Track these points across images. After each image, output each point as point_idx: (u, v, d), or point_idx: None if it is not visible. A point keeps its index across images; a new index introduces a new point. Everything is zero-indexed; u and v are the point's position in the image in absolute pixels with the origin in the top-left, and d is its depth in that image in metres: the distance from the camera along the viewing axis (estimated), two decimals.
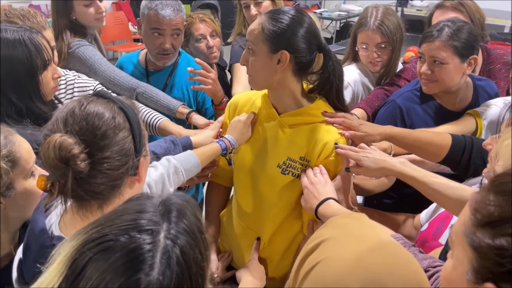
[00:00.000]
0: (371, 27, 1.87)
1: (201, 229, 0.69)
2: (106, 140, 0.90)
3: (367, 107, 1.83)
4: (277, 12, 1.30)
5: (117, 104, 0.95)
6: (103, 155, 0.90)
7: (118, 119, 0.93)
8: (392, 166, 1.26)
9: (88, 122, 0.90)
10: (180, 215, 0.68)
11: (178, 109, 1.75)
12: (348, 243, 0.68)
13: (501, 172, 0.64)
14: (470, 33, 1.58)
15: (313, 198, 1.27)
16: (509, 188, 0.60)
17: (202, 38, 2.11)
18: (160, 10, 1.72)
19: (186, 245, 0.64)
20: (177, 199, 0.72)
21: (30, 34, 1.32)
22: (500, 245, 0.56)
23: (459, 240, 0.62)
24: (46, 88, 1.37)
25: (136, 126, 0.96)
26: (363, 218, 0.77)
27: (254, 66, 1.32)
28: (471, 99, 1.73)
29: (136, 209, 0.68)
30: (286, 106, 1.37)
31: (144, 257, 0.61)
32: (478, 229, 0.59)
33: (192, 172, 1.38)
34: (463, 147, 1.37)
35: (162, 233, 0.64)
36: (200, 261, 0.66)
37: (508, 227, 0.56)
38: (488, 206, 0.59)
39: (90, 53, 1.83)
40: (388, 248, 0.67)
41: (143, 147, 0.99)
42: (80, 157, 0.86)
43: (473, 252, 0.59)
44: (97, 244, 0.62)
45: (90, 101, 0.93)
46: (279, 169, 1.37)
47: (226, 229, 1.59)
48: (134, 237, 0.62)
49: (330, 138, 1.33)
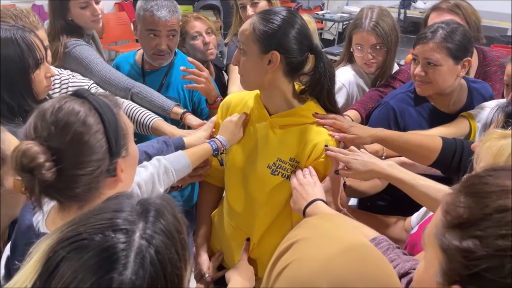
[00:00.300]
0: (366, 28, 1.86)
1: (179, 229, 0.69)
2: (75, 146, 0.89)
3: (361, 108, 1.83)
4: (269, 12, 1.30)
5: (92, 104, 0.93)
6: (72, 161, 0.89)
7: (89, 121, 0.90)
8: (381, 168, 1.26)
9: (56, 128, 0.88)
10: (158, 215, 0.68)
11: (173, 110, 1.76)
12: (320, 244, 0.67)
13: (472, 174, 0.64)
14: (464, 35, 1.58)
15: (301, 199, 1.27)
16: (478, 190, 0.59)
17: (198, 35, 2.11)
18: (156, 11, 1.73)
19: (162, 245, 0.64)
20: (156, 199, 0.72)
21: (23, 33, 1.32)
22: (467, 247, 0.55)
23: (431, 241, 0.62)
24: (39, 87, 1.38)
25: (112, 127, 0.93)
26: (338, 219, 0.77)
27: (245, 66, 1.32)
28: (465, 101, 1.73)
29: (112, 208, 0.68)
30: (277, 107, 1.37)
31: (118, 256, 0.61)
32: (448, 230, 0.58)
33: (183, 172, 1.38)
34: (453, 150, 1.36)
35: (138, 232, 0.64)
36: (176, 261, 0.65)
37: (476, 229, 0.56)
38: (458, 207, 0.59)
39: (86, 52, 1.83)
40: (359, 249, 0.67)
41: (121, 148, 0.96)
42: (45, 166, 0.85)
43: (443, 254, 0.59)
44: (71, 243, 0.62)
45: (64, 103, 0.92)
46: (269, 169, 1.37)
47: (217, 229, 1.59)
48: (108, 236, 0.62)
49: (320, 139, 1.33)
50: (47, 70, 1.40)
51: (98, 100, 0.95)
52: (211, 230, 1.62)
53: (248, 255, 1.46)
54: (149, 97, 1.77)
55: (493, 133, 0.93)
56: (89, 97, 0.94)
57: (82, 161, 0.90)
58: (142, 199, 0.70)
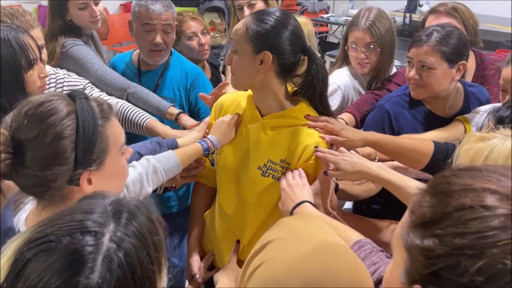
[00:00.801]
0: (361, 27, 1.87)
1: (152, 231, 0.68)
2: (37, 145, 0.89)
3: (356, 111, 1.82)
4: (263, 13, 1.31)
5: (76, 110, 0.92)
6: (32, 159, 0.89)
7: (62, 126, 0.90)
8: (369, 169, 1.26)
9: (28, 122, 0.89)
10: (130, 216, 0.67)
11: (168, 110, 1.76)
12: (293, 244, 0.67)
13: (438, 174, 0.63)
14: (459, 39, 1.57)
15: (289, 201, 1.26)
16: (442, 189, 0.59)
17: (194, 36, 2.13)
18: (151, 5, 1.76)
19: (131, 248, 0.63)
20: (131, 200, 0.71)
21: (16, 33, 1.33)
22: (427, 246, 0.55)
23: (397, 242, 0.62)
24: (32, 87, 1.38)
25: (86, 137, 0.92)
26: (314, 219, 0.77)
27: (237, 66, 1.32)
28: (461, 105, 1.71)
29: (83, 209, 0.67)
30: (269, 108, 1.37)
31: (85, 259, 0.60)
32: (412, 230, 0.58)
33: (172, 172, 1.38)
34: (445, 154, 1.35)
35: (107, 235, 0.63)
36: (147, 264, 0.64)
37: (436, 228, 0.55)
38: (422, 207, 0.59)
39: (83, 52, 1.85)
40: (331, 249, 0.66)
41: (92, 161, 0.94)
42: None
43: (406, 253, 0.58)
44: (37, 245, 0.61)
45: (49, 100, 0.92)
46: (259, 171, 1.36)
47: (208, 230, 1.59)
48: (75, 238, 0.61)
49: (310, 141, 1.33)
50: (41, 70, 1.41)
51: (85, 107, 0.93)
52: (204, 231, 1.62)
53: (238, 256, 1.46)
54: (145, 98, 1.78)
55: (472, 136, 0.92)
56: (79, 101, 0.93)
57: (42, 163, 0.89)
58: (115, 200, 0.69)
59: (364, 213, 1.66)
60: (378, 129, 1.65)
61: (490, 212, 0.53)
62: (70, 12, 1.90)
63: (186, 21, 2.12)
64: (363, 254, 0.99)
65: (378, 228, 1.48)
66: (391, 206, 1.73)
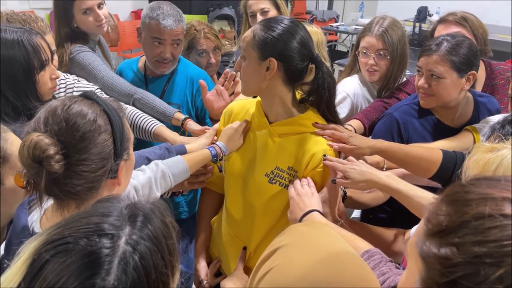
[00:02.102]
0: (374, 33, 1.87)
1: (167, 234, 0.69)
2: (84, 142, 0.91)
3: (364, 118, 1.81)
4: (271, 20, 1.31)
5: (101, 106, 0.96)
6: (80, 157, 0.91)
7: (99, 121, 0.93)
8: (378, 178, 1.25)
9: (68, 123, 0.91)
10: (146, 220, 0.68)
11: (174, 116, 1.77)
12: (303, 251, 0.67)
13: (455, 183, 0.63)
14: (469, 49, 1.56)
15: (298, 209, 1.26)
16: (459, 198, 0.58)
17: (205, 53, 2.15)
18: (162, 20, 1.74)
19: (147, 251, 0.64)
20: (146, 203, 0.72)
21: (29, 35, 1.35)
22: (444, 255, 0.54)
23: (412, 250, 0.61)
24: (43, 88, 1.40)
25: (118, 130, 0.96)
26: (323, 227, 0.77)
27: (244, 72, 1.33)
28: (471, 115, 1.70)
29: (100, 212, 0.68)
30: (277, 115, 1.37)
31: (101, 261, 0.61)
32: (428, 238, 0.58)
33: (180, 177, 1.38)
34: (454, 163, 1.34)
35: (123, 238, 0.64)
36: (161, 267, 0.65)
37: (454, 236, 0.55)
38: (438, 215, 0.58)
39: (89, 59, 1.86)
40: (340, 258, 0.66)
41: (124, 151, 0.99)
42: (54, 158, 0.87)
43: (422, 262, 0.58)
44: (55, 246, 0.62)
45: (74, 102, 0.94)
46: (266, 178, 1.36)
47: (215, 236, 1.59)
48: (93, 241, 0.62)
49: (318, 149, 1.32)
50: (52, 71, 1.43)
51: (106, 102, 0.98)
52: (211, 236, 1.62)
53: (244, 264, 1.46)
54: (151, 103, 1.79)
55: (481, 147, 0.92)
56: (98, 99, 0.97)
57: (88, 158, 0.91)
58: (131, 204, 0.70)
59: (371, 222, 1.64)
60: (387, 138, 1.64)
61: (510, 221, 0.53)
62: (75, 18, 1.92)
63: (198, 39, 2.13)
64: (372, 264, 0.98)
65: (386, 237, 1.47)
66: (399, 214, 1.72)
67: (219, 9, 6.23)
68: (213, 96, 1.77)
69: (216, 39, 2.17)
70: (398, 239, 1.46)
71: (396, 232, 1.48)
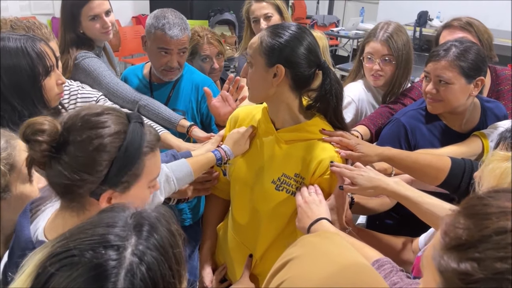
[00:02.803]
0: (379, 38, 1.86)
1: (173, 243, 0.68)
2: (78, 148, 0.90)
3: (371, 124, 1.80)
4: (278, 27, 1.30)
5: (126, 132, 0.92)
6: (65, 158, 0.89)
7: (107, 140, 0.90)
8: (386, 185, 1.24)
9: (81, 125, 0.91)
10: (152, 230, 0.66)
11: (179, 123, 1.76)
12: (315, 263, 0.65)
13: (472, 195, 0.61)
14: (477, 54, 1.55)
15: (306, 218, 1.24)
16: (479, 211, 0.57)
17: (208, 59, 2.14)
18: (168, 30, 1.72)
19: (153, 261, 0.63)
20: (151, 212, 0.70)
21: (32, 42, 1.35)
22: (465, 270, 0.53)
23: (429, 264, 0.60)
24: (50, 94, 1.39)
25: (124, 159, 0.91)
26: (335, 237, 0.75)
27: (251, 79, 1.32)
28: (478, 121, 1.69)
29: (105, 222, 0.66)
30: (284, 121, 1.36)
31: (108, 274, 0.59)
32: (446, 252, 0.56)
33: (185, 181, 1.37)
34: (462, 171, 1.32)
35: (129, 248, 0.62)
36: (169, 277, 0.64)
37: (474, 251, 0.53)
38: (457, 229, 0.57)
39: (94, 65, 1.85)
40: (353, 269, 0.64)
41: (121, 182, 0.94)
42: (40, 146, 0.87)
43: (440, 276, 0.56)
44: (60, 259, 0.61)
45: (108, 111, 0.94)
46: (273, 185, 1.35)
47: (221, 242, 1.58)
48: (98, 253, 0.61)
49: (325, 155, 1.31)
50: (58, 77, 1.42)
51: (137, 130, 0.94)
52: (216, 243, 1.60)
53: (250, 271, 1.44)
54: (156, 110, 1.78)
55: (496, 155, 0.90)
56: (134, 124, 0.94)
57: (75, 166, 0.89)
58: (136, 212, 0.69)
59: (377, 228, 1.63)
60: (394, 143, 1.63)
61: None
62: (82, 24, 1.91)
63: (202, 44, 2.12)
64: (383, 274, 0.96)
65: (394, 245, 1.45)
66: (406, 221, 1.71)
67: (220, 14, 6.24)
68: (218, 102, 1.76)
69: (219, 45, 2.17)
70: (406, 248, 1.44)
71: (404, 241, 1.46)
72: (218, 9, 6.30)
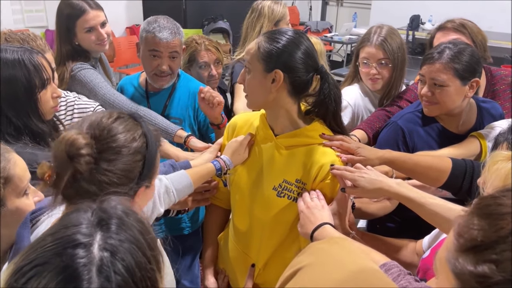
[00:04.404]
0: (373, 43, 1.87)
1: (143, 231, 0.67)
2: (117, 155, 0.93)
3: (368, 128, 1.80)
4: (275, 32, 1.31)
5: (143, 129, 0.98)
6: (107, 167, 0.92)
7: (137, 142, 0.95)
8: (389, 186, 1.22)
9: (109, 132, 0.93)
10: (120, 222, 0.66)
11: (177, 133, 1.75)
12: (326, 271, 0.64)
13: (485, 195, 0.60)
14: (471, 56, 1.55)
15: (309, 223, 1.23)
16: (493, 211, 0.56)
17: (206, 66, 2.14)
18: (158, 32, 1.74)
19: (126, 252, 0.62)
20: (115, 205, 0.70)
21: (30, 54, 1.34)
22: (482, 273, 0.52)
23: (443, 266, 0.59)
24: (45, 107, 1.39)
25: (151, 156, 0.98)
26: (344, 242, 0.74)
27: (249, 85, 1.32)
28: (475, 121, 1.70)
29: (64, 224, 0.65)
30: (283, 127, 1.35)
31: (78, 272, 0.58)
32: (461, 254, 0.55)
33: (184, 192, 1.36)
34: (464, 171, 1.32)
35: (96, 244, 0.61)
36: (145, 264, 0.63)
37: (491, 252, 0.52)
38: (471, 230, 0.56)
39: (90, 76, 1.85)
40: (365, 276, 0.63)
41: (148, 178, 1.00)
42: (85, 158, 0.89)
43: (456, 279, 0.55)
44: (24, 273, 0.59)
45: (121, 117, 0.97)
46: (274, 191, 1.34)
47: (222, 252, 1.56)
48: (64, 254, 0.60)
49: (326, 160, 1.31)
50: (54, 90, 1.41)
51: (148, 128, 1.01)
52: (218, 252, 1.59)
53: (253, 281, 1.42)
54: (153, 121, 1.78)
55: (499, 155, 0.90)
56: (142, 123, 1.00)
57: (113, 171, 0.92)
58: (97, 208, 0.68)
59: (379, 232, 1.63)
60: (392, 146, 1.63)
61: None
62: (77, 36, 1.91)
63: (200, 51, 2.13)
64: (391, 278, 0.95)
65: (397, 248, 1.44)
66: (407, 224, 1.71)
67: (214, 23, 6.26)
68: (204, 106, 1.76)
69: (217, 52, 2.17)
70: (409, 250, 1.44)
71: (407, 242, 1.46)
72: (212, 18, 6.32)
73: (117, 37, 6.32)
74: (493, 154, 0.93)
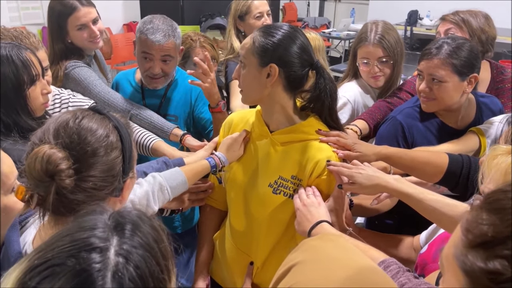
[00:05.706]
0: (372, 42, 1.84)
1: (158, 239, 0.66)
2: (95, 158, 0.88)
3: (369, 119, 1.79)
4: (270, 27, 1.29)
5: (112, 122, 0.93)
6: (89, 173, 0.87)
7: (111, 138, 0.90)
8: (386, 182, 1.21)
9: (80, 137, 0.87)
10: (134, 228, 0.64)
11: (172, 131, 1.73)
12: (320, 267, 0.63)
13: (494, 189, 0.58)
14: (470, 51, 1.53)
15: (305, 221, 1.21)
16: (503, 206, 0.54)
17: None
18: (150, 34, 1.68)
19: (140, 259, 0.61)
20: (131, 210, 0.68)
21: (18, 50, 1.32)
22: (494, 269, 0.50)
23: (450, 263, 0.56)
24: (34, 104, 1.37)
25: (128, 147, 0.93)
26: (338, 240, 0.73)
27: (245, 80, 1.30)
28: (474, 117, 1.68)
29: (82, 227, 0.64)
30: (278, 123, 1.34)
31: (93, 278, 0.57)
32: (470, 250, 0.53)
33: (179, 190, 1.34)
34: (460, 167, 1.31)
35: (112, 249, 0.60)
36: (157, 273, 0.62)
37: (503, 248, 0.50)
38: (480, 225, 0.54)
39: (85, 74, 1.83)
40: (363, 274, 0.62)
41: (131, 169, 0.96)
42: (66, 173, 0.84)
43: (465, 276, 0.53)
44: (40, 272, 0.58)
45: (86, 115, 0.91)
46: (270, 188, 1.32)
47: (218, 253, 1.53)
48: (80, 258, 0.58)
49: (322, 156, 1.29)
50: (43, 86, 1.39)
51: (117, 118, 0.95)
52: (212, 254, 1.57)
53: (252, 280, 1.41)
54: (149, 119, 1.75)
55: (498, 149, 0.88)
56: (108, 114, 0.94)
57: (97, 176, 0.88)
58: (115, 213, 0.67)
59: (377, 228, 1.62)
60: (392, 141, 1.62)
61: None
62: (69, 34, 1.89)
63: (194, 48, 2.10)
64: (390, 275, 0.94)
65: (394, 243, 1.43)
66: (405, 221, 1.70)
67: (211, 19, 6.23)
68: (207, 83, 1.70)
69: (212, 49, 2.15)
70: (406, 245, 1.43)
71: (405, 239, 1.45)
72: (209, 14, 6.28)
73: (114, 34, 6.29)
74: (493, 148, 0.92)
